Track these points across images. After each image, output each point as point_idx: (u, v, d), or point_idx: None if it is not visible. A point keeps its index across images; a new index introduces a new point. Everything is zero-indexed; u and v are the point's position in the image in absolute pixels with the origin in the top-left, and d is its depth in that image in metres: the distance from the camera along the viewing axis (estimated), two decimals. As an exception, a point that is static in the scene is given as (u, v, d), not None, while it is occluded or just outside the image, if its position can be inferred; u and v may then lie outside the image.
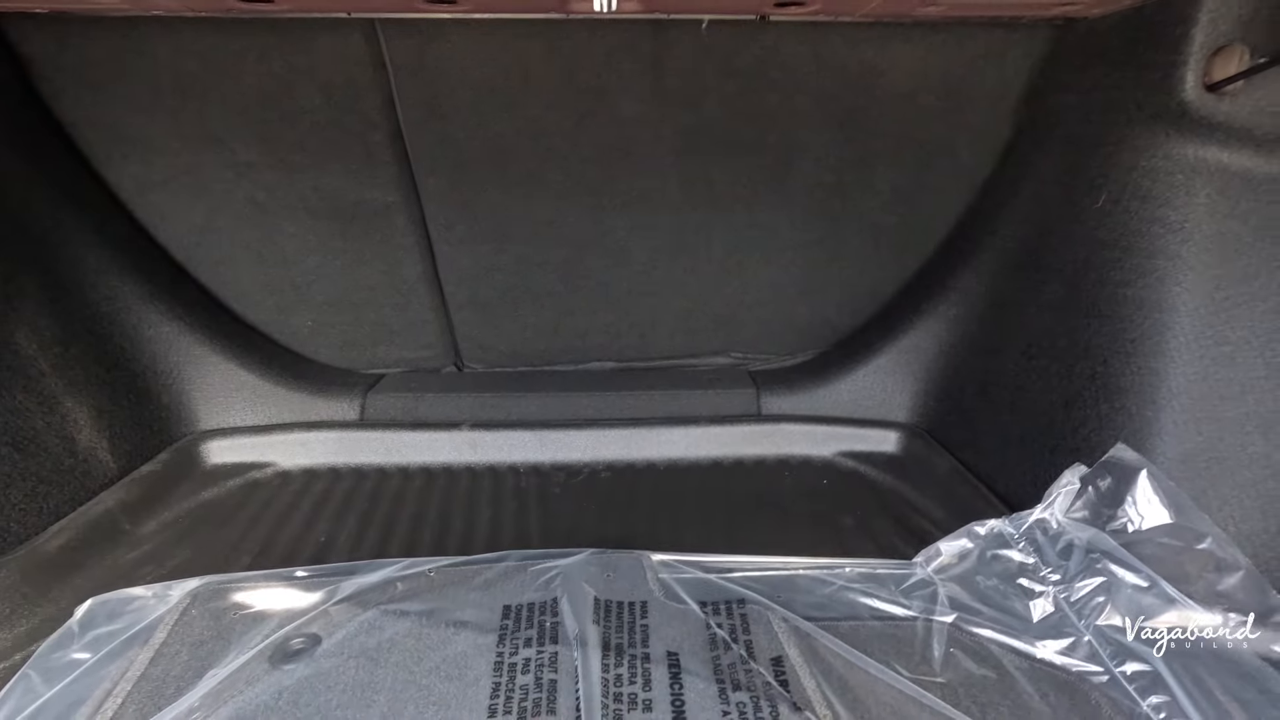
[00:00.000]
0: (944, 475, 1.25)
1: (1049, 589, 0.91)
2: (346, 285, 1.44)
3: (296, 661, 0.80)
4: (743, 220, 1.34)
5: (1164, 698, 0.75)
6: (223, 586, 0.95)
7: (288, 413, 1.40)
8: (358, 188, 1.30)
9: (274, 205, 1.31)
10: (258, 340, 1.45)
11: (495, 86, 1.18)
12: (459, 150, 1.24)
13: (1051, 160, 1.13)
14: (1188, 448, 0.89)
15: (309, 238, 1.36)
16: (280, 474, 1.32)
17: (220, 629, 0.87)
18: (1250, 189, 0.87)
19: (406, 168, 1.27)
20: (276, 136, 1.22)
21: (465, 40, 1.15)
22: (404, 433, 1.39)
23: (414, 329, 1.51)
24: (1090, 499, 0.95)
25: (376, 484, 1.30)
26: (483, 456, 1.38)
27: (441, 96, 1.19)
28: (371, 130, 1.23)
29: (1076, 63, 1.07)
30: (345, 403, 1.43)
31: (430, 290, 1.45)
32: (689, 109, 1.19)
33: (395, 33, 1.13)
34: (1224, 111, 0.86)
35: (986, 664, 0.84)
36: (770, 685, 0.77)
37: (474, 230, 1.36)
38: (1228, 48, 0.84)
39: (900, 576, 0.99)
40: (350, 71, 1.16)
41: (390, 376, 1.53)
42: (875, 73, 1.18)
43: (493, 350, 1.56)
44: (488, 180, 1.29)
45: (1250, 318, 0.87)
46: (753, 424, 1.41)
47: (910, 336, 1.36)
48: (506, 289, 1.44)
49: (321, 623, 0.86)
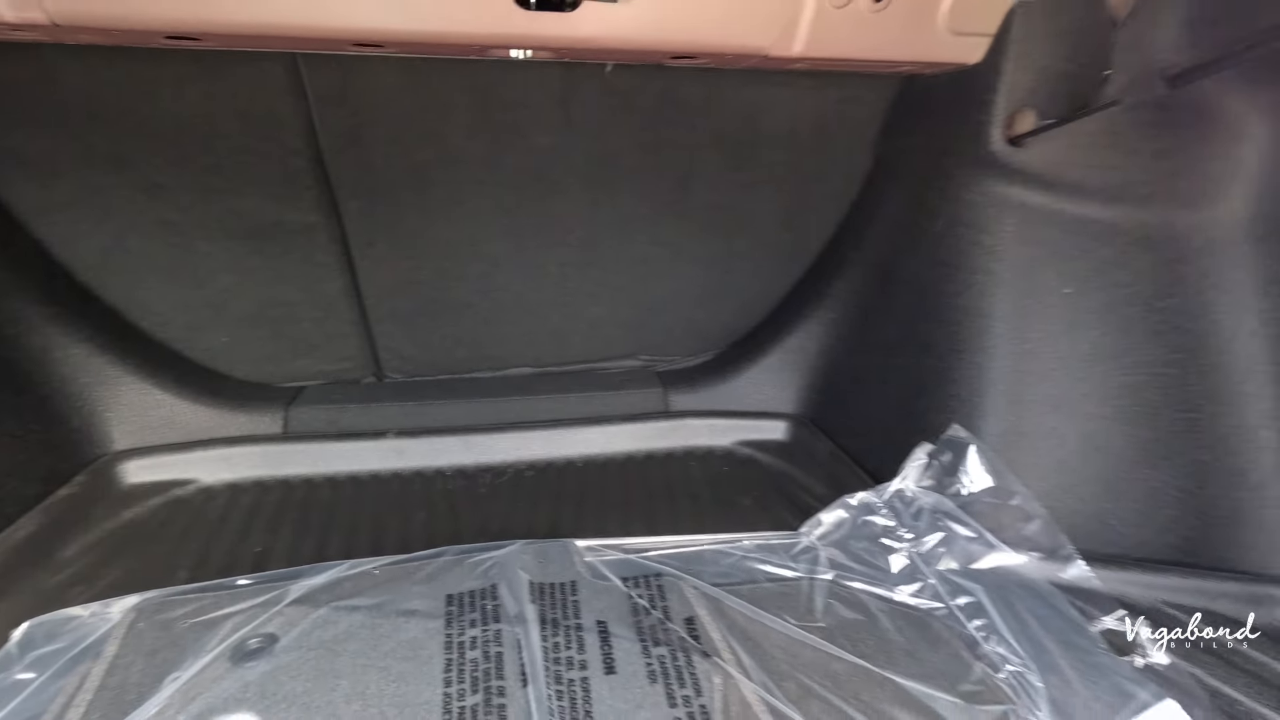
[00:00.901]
0: (824, 457, 1.45)
1: (904, 546, 1.11)
2: (263, 302, 1.46)
3: (257, 659, 0.87)
4: (647, 238, 1.49)
5: (984, 620, 0.96)
6: (168, 600, 0.99)
7: (207, 429, 1.41)
8: (276, 209, 1.33)
9: (187, 225, 1.32)
10: (171, 359, 1.44)
11: (415, 117, 1.26)
12: (379, 176, 1.31)
13: (901, 190, 1.35)
14: (1004, 425, 1.12)
15: (224, 257, 1.38)
16: (203, 490, 1.34)
17: (172, 638, 0.91)
18: (1043, 220, 1.11)
19: (327, 191, 1.32)
20: (192, 160, 1.24)
21: (386, 73, 1.22)
22: (329, 443, 1.43)
23: (333, 342, 1.55)
24: (935, 470, 1.17)
25: (306, 494, 1.34)
26: (409, 462, 1.45)
27: (362, 126, 1.26)
28: (291, 156, 1.27)
29: (917, 111, 1.29)
30: (267, 417, 1.46)
31: (350, 305, 1.50)
32: (596, 141, 1.32)
33: (316, 65, 1.18)
34: (1021, 160, 1.09)
35: (857, 610, 1.03)
36: (684, 640, 0.92)
37: (394, 248, 1.42)
38: (1023, 110, 1.07)
39: (789, 545, 1.16)
40: (270, 100, 1.20)
41: (311, 389, 1.56)
42: (759, 111, 1.35)
43: (413, 360, 1.62)
44: (408, 203, 1.36)
45: (1044, 321, 1.11)
46: (661, 420, 1.56)
47: (794, 338, 1.55)
48: (426, 302, 1.51)
49: (276, 622, 0.93)
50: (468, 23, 0.97)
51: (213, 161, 1.25)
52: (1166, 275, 1.05)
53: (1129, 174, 1.06)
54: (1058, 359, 1.10)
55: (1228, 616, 0.96)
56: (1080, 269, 1.08)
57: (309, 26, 0.94)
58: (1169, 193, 1.05)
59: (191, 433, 1.40)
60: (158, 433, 1.38)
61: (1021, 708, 0.83)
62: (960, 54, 1.09)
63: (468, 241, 1.43)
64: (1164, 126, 1.03)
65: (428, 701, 0.82)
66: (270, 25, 0.93)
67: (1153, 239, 1.06)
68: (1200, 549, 1.03)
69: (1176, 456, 1.05)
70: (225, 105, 1.19)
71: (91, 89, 1.15)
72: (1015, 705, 0.84)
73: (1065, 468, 1.10)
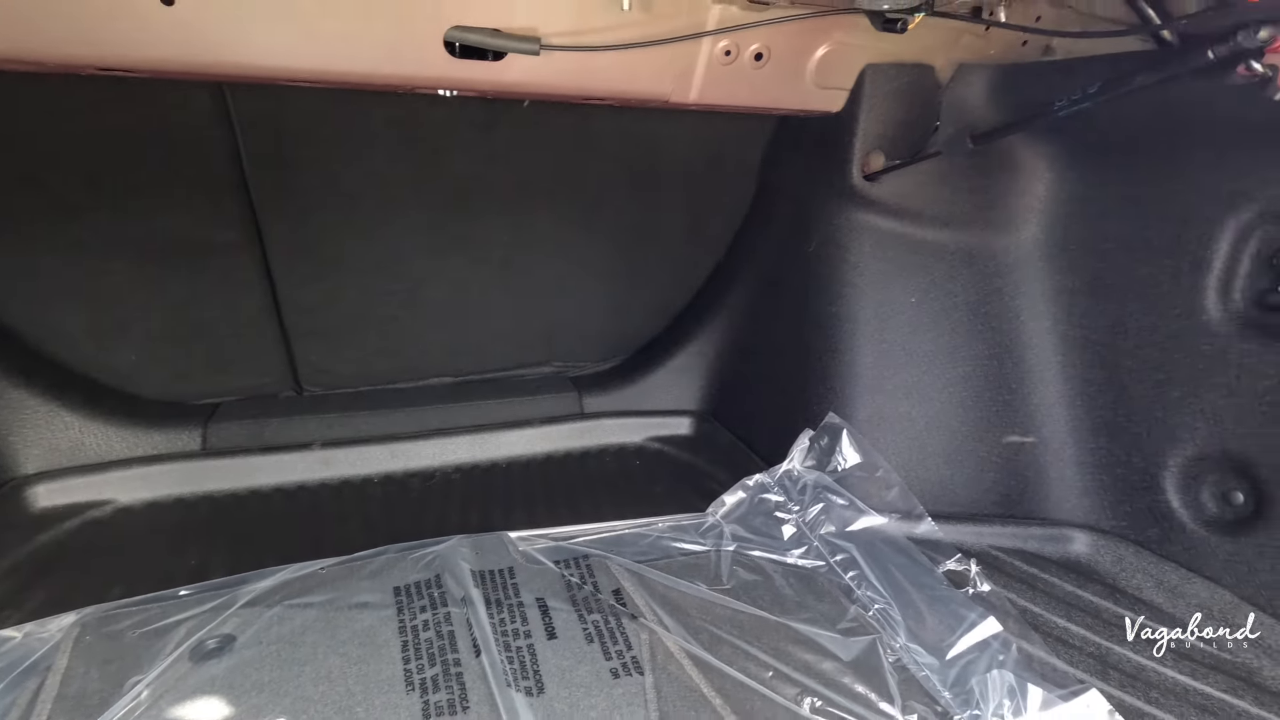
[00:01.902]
0: (725, 447, 1.63)
1: (793, 517, 1.31)
2: (178, 320, 1.45)
3: (219, 657, 0.92)
4: (561, 255, 1.62)
5: (856, 571, 1.16)
6: (110, 613, 1.01)
7: (121, 449, 1.39)
8: (196, 229, 1.35)
9: (101, 246, 1.32)
10: (79, 380, 1.41)
11: (339, 142, 1.33)
12: (304, 198, 1.36)
13: (783, 212, 1.56)
14: (868, 412, 1.35)
15: (138, 276, 1.37)
16: (122, 510, 1.33)
17: (125, 647, 0.94)
18: (892, 242, 1.34)
19: (249, 212, 1.36)
20: (110, 181, 1.24)
21: (311, 100, 1.28)
22: (252, 457, 1.45)
23: (251, 358, 1.56)
24: (816, 452, 1.38)
25: (233, 509, 1.36)
26: (337, 472, 1.49)
27: (287, 150, 1.31)
28: (214, 177, 1.30)
29: (792, 147, 1.51)
30: (184, 434, 1.45)
31: (270, 321, 1.52)
32: (514, 168, 1.45)
33: (243, 91, 1.23)
34: (874, 192, 1.33)
35: (756, 572, 1.20)
36: (614, 607, 1.07)
37: (317, 267, 1.47)
38: (874, 152, 1.31)
39: (698, 524, 1.33)
40: (195, 125, 1.23)
41: (228, 405, 1.56)
42: (660, 143, 1.52)
43: (333, 373, 1.65)
44: (331, 223, 1.42)
45: (897, 325, 1.34)
46: (577, 421, 1.67)
47: (695, 343, 1.73)
48: (349, 318, 1.56)
49: (231, 624, 0.98)
50: (399, 65, 1.07)
51: (132, 183, 1.26)
52: (985, 286, 1.32)
53: (955, 205, 1.31)
54: (907, 356, 1.34)
55: (1036, 554, 1.24)
56: (921, 282, 1.33)
57: (242, 65, 1.01)
58: (985, 221, 1.31)
59: (104, 454, 1.38)
60: (67, 455, 1.36)
61: (886, 636, 1.04)
62: (825, 103, 1.31)
63: (391, 260, 1.50)
64: (980, 169, 1.29)
65: (390, 677, 0.91)
66: (203, 65, 0.99)
67: (974, 257, 1.32)
68: (1016, 503, 1.30)
69: (998, 431, 1.31)
70: (148, 128, 1.21)
71: (2, 109, 1.14)
72: (881, 634, 1.04)
73: (916, 444, 1.34)
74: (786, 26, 1.14)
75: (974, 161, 1.24)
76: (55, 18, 0.89)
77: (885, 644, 1.03)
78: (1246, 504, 1.05)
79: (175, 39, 0.94)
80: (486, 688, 0.90)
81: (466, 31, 1.04)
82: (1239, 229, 1.03)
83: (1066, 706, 0.86)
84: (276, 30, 0.98)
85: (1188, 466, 1.12)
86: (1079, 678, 0.95)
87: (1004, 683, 0.88)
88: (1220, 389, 1.06)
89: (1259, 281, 1.02)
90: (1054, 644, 1.02)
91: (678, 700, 0.91)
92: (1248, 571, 1.04)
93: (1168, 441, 1.13)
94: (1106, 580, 1.17)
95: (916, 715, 0.91)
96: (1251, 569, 1.03)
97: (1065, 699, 0.87)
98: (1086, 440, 1.25)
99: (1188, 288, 1.08)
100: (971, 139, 1.09)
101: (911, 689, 0.95)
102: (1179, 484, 1.13)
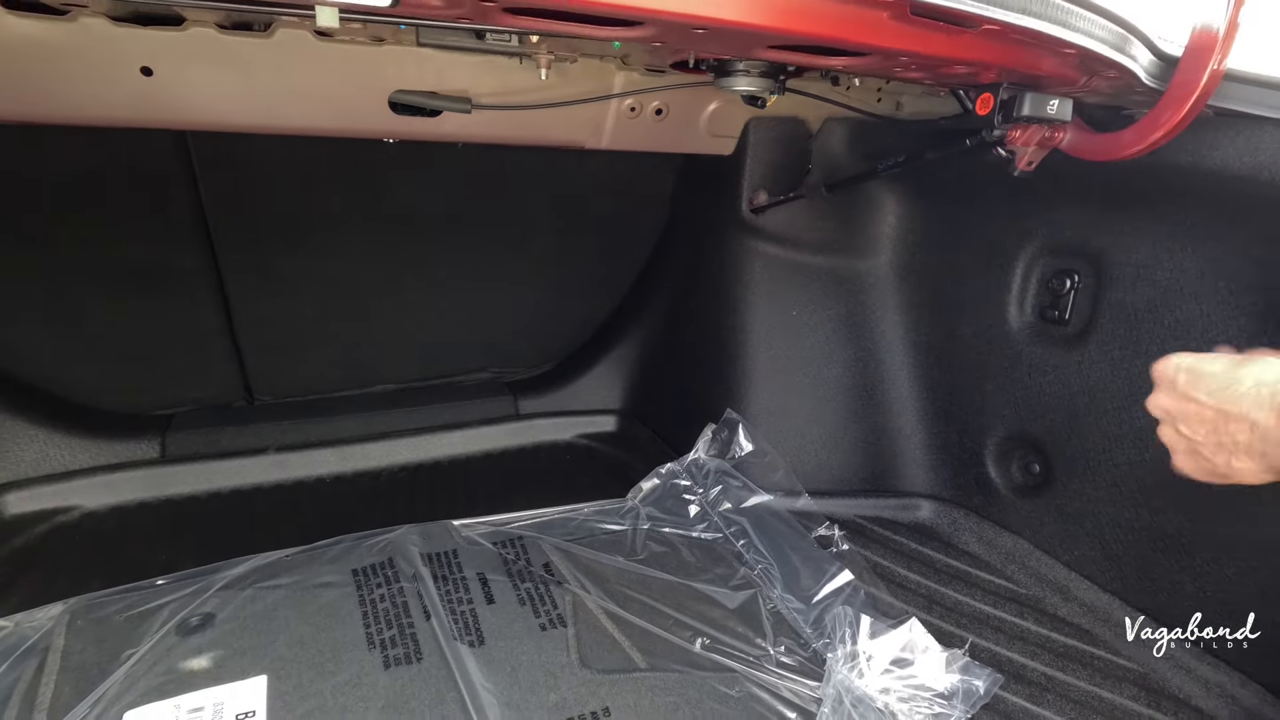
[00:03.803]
0: (645, 441, 1.84)
1: (697, 498, 1.54)
2: (134, 339, 1.56)
3: (202, 631, 1.08)
4: (495, 274, 1.80)
5: (746, 539, 1.40)
6: (95, 601, 1.14)
7: (84, 459, 1.49)
8: (155, 256, 1.47)
9: (64, 271, 1.43)
10: (41, 395, 1.51)
11: (292, 178, 1.48)
12: (258, 227, 1.51)
13: (688, 238, 1.80)
14: (760, 407, 1.59)
15: (100, 299, 1.48)
16: (89, 515, 1.44)
17: (115, 628, 1.08)
18: (778, 265, 1.60)
19: (206, 240, 1.49)
20: (74, 212, 1.36)
21: (266, 141, 1.42)
22: (210, 463, 1.56)
23: (205, 371, 1.68)
24: (717, 443, 1.61)
25: (195, 510, 1.49)
26: (291, 474, 1.62)
27: (242, 183, 1.45)
28: (173, 209, 1.43)
29: (695, 183, 1.75)
30: (143, 443, 1.57)
31: (224, 339, 1.65)
32: (451, 198, 1.63)
33: (203, 134, 1.37)
34: (761, 223, 1.57)
35: (666, 545, 1.42)
36: (544, 576, 1.27)
37: (270, 289, 1.60)
38: (759, 190, 1.56)
39: (619, 508, 1.53)
40: (156, 162, 1.36)
41: (184, 414, 1.67)
42: (581, 176, 1.73)
43: (284, 384, 1.79)
44: (284, 249, 1.56)
45: (783, 335, 1.59)
46: (513, 422, 1.84)
47: (617, 350, 1.95)
48: (300, 334, 1.70)
49: (211, 604, 1.13)
50: (348, 120, 1.25)
51: (95, 214, 1.37)
52: (852, 302, 1.59)
53: (826, 235, 1.57)
54: (791, 360, 1.60)
55: (891, 520, 1.51)
56: (801, 298, 1.59)
57: (210, 122, 1.17)
58: (851, 247, 1.58)
59: (68, 464, 1.47)
60: (32, 465, 1.45)
61: (765, 589, 1.29)
62: (718, 148, 1.55)
63: (339, 281, 1.66)
64: (846, 205, 1.56)
65: (354, 639, 1.09)
66: (175, 121, 1.14)
67: (843, 278, 1.59)
68: (878, 479, 1.57)
69: (863, 421, 1.59)
70: (111, 165, 1.33)
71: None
72: (761, 588, 1.29)
73: (798, 433, 1.59)
74: (680, 90, 1.37)
75: (842, 197, 1.51)
76: (46, 84, 1.03)
77: (764, 595, 1.27)
78: (1040, 474, 1.35)
79: (152, 103, 1.09)
80: (436, 643, 1.09)
81: (407, 94, 1.22)
82: (1028, 258, 1.32)
83: (893, 633, 1.12)
84: (241, 94, 1.14)
85: (1001, 445, 1.41)
86: (909, 610, 1.22)
87: (846, 617, 1.13)
88: (1019, 384, 1.35)
89: (1042, 299, 1.31)
90: (894, 588, 1.29)
91: (594, 645, 1.13)
92: (1040, 525, 1.33)
93: (986, 426, 1.42)
94: (943, 538, 1.45)
95: (784, 646, 1.16)
96: (1041, 523, 1.33)
97: (893, 626, 1.13)
98: (930, 426, 1.53)
99: (996, 303, 1.37)
100: (826, 187, 1.35)
101: (782, 627, 1.20)
102: (996, 459, 1.42)
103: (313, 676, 1.01)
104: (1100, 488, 1.22)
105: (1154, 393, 0.74)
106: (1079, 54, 0.73)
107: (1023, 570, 1.33)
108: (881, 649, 1.08)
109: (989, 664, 1.11)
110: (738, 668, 1.10)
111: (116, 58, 1.04)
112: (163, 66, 1.07)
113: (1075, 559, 1.27)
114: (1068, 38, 0.68)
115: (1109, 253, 1.18)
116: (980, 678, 1.05)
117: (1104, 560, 1.21)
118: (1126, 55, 0.76)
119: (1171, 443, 0.73)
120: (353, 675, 1.02)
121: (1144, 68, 0.79)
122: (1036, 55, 0.74)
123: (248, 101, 1.15)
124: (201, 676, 1.01)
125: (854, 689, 1.04)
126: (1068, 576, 1.27)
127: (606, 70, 1.31)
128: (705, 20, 0.54)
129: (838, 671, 1.06)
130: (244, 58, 1.09)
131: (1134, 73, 0.78)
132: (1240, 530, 1.03)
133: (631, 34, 0.66)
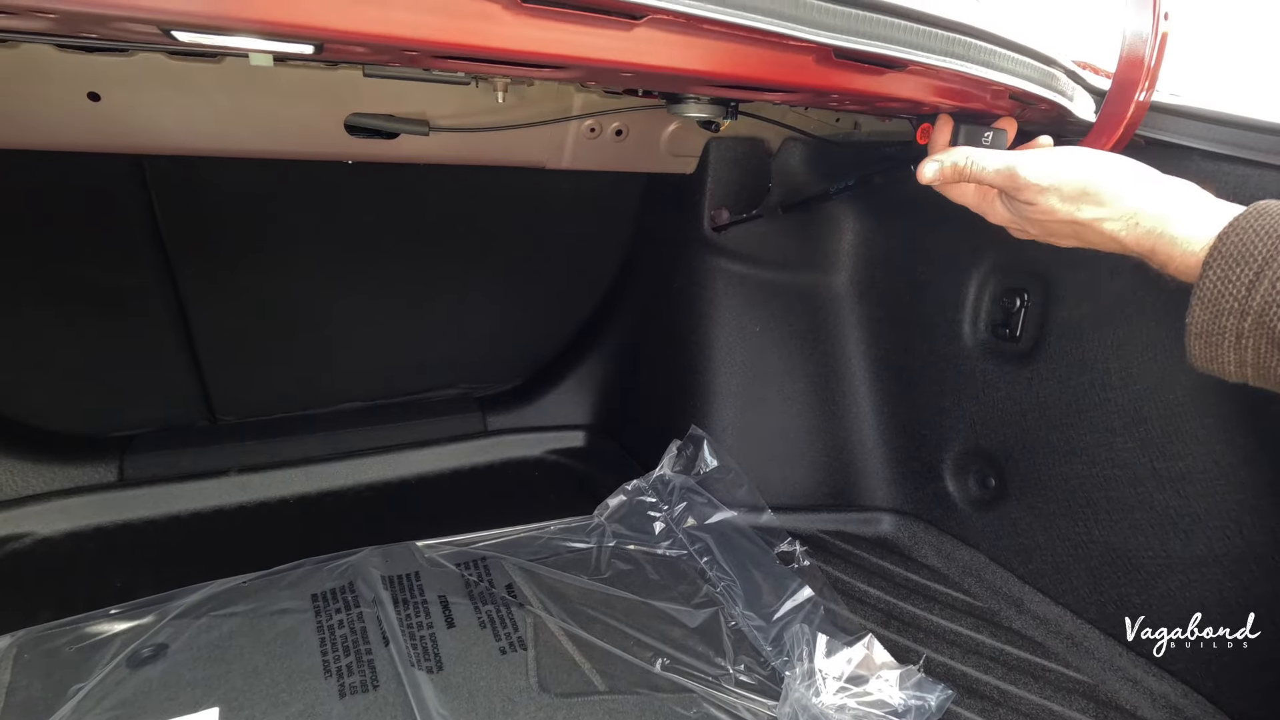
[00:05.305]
0: (613, 456, 1.85)
1: (662, 514, 1.55)
2: (91, 358, 1.54)
3: (154, 663, 1.06)
4: (461, 290, 1.80)
5: (710, 556, 1.41)
6: (45, 633, 1.12)
7: (38, 484, 1.47)
8: (110, 275, 1.44)
9: (13, 291, 1.40)
10: (-11, 419, 1.49)
11: (249, 197, 1.47)
12: (216, 245, 1.49)
13: (654, 255, 1.81)
14: (725, 423, 1.61)
15: (52, 318, 1.46)
16: (42, 541, 1.41)
17: (64, 661, 1.07)
18: (740, 281, 1.61)
19: (163, 259, 1.47)
20: (24, 232, 1.34)
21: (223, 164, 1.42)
22: (170, 485, 1.54)
23: (165, 391, 1.66)
24: (683, 459, 1.62)
25: (154, 535, 1.46)
26: (254, 495, 1.60)
27: (200, 205, 1.43)
28: (129, 229, 1.41)
29: (659, 200, 1.76)
30: (100, 466, 1.54)
31: (183, 357, 1.63)
32: (414, 217, 1.62)
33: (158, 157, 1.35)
34: (723, 241, 1.59)
35: (631, 563, 1.43)
36: (505, 598, 1.27)
37: (229, 308, 1.59)
38: (720, 209, 1.57)
39: (585, 525, 1.54)
40: (110, 183, 1.34)
41: (143, 436, 1.65)
42: (546, 193, 1.73)
43: (247, 403, 1.77)
44: (243, 267, 1.54)
45: (747, 350, 1.61)
46: (481, 439, 1.84)
47: (585, 365, 1.95)
48: (262, 352, 1.69)
49: (164, 634, 1.12)
50: (305, 144, 1.24)
51: (47, 234, 1.35)
52: (814, 317, 1.61)
53: (788, 252, 1.59)
54: (755, 376, 1.61)
55: (853, 534, 1.53)
56: (764, 314, 1.60)
57: (163, 146, 1.16)
58: (812, 264, 1.60)
59: (20, 489, 1.45)
60: (-17, 492, 1.43)
61: (727, 606, 1.30)
62: (679, 167, 1.57)
63: (301, 298, 1.64)
64: (806, 221, 1.58)
65: (310, 667, 1.08)
66: (126, 146, 1.13)
67: (805, 294, 1.61)
68: (839, 494, 1.59)
69: (826, 435, 1.61)
70: (63, 183, 1.31)
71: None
72: (723, 605, 1.30)
73: (763, 448, 1.61)
74: (639, 111, 1.38)
75: (802, 216, 1.53)
76: (-13, 110, 1.01)
77: (726, 613, 1.28)
78: (995, 488, 1.37)
79: (100, 128, 1.08)
80: (394, 669, 1.09)
81: (363, 117, 1.22)
82: (981, 276, 1.35)
83: (849, 650, 1.13)
84: (193, 118, 1.13)
85: (958, 459, 1.44)
86: (867, 626, 1.23)
87: (804, 634, 1.14)
88: (974, 399, 1.37)
89: (995, 316, 1.34)
90: (854, 603, 1.31)
91: (554, 668, 1.13)
92: (995, 537, 1.36)
93: (944, 440, 1.45)
94: (903, 552, 1.47)
95: (744, 665, 1.17)
96: (997, 535, 1.35)
97: (850, 643, 1.14)
98: (891, 440, 1.55)
99: (951, 319, 1.40)
100: (781, 208, 1.37)
101: (742, 646, 1.21)
102: (953, 473, 1.45)
103: (266, 708, 1.00)
104: (1051, 501, 1.24)
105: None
106: (1007, 90, 0.75)
107: (979, 583, 1.35)
108: (837, 667, 1.09)
109: (944, 678, 1.13)
110: (697, 688, 1.11)
111: (62, 84, 1.02)
112: (111, 92, 1.06)
113: (1029, 572, 1.29)
114: (993, 77, 0.70)
115: (1054, 272, 1.20)
116: (933, 694, 1.07)
117: (1055, 573, 1.24)
118: (1054, 90, 0.78)
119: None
120: (307, 705, 1.02)
121: (1072, 101, 0.82)
122: (964, 93, 0.76)
123: (199, 126, 1.14)
124: (152, 710, 0.99)
125: (810, 708, 1.05)
126: (1021, 589, 1.29)
127: (565, 92, 1.32)
128: (630, 65, 0.55)
129: (794, 690, 1.07)
130: (194, 82, 1.09)
131: (1064, 106, 0.81)
132: (1178, 546, 1.06)
133: (560, 75, 0.67)
